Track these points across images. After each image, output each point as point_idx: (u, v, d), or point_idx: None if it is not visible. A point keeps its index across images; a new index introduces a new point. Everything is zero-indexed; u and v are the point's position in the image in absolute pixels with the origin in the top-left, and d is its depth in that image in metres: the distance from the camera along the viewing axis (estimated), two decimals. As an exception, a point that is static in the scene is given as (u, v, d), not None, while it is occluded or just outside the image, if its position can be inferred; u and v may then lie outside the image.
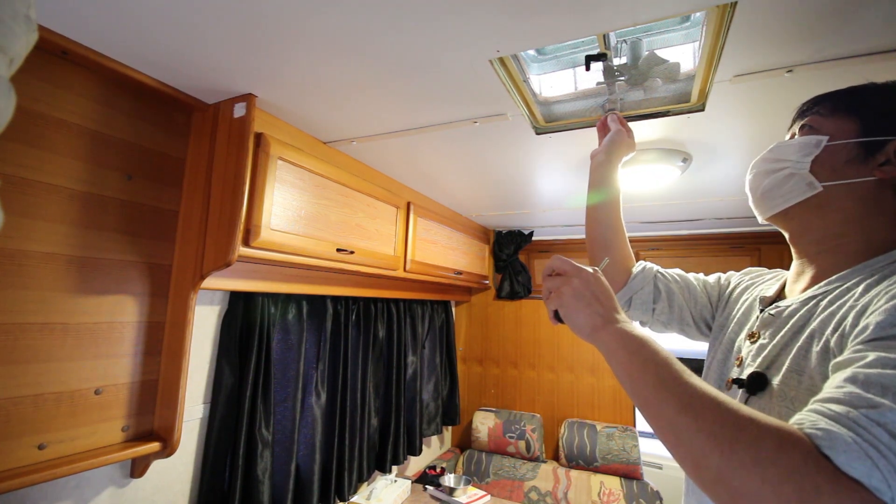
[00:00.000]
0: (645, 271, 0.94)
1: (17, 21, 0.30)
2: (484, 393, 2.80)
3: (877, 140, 0.60)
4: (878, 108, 0.62)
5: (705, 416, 0.45)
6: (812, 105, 0.68)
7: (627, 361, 0.55)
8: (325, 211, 1.38)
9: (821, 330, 0.56)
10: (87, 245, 1.02)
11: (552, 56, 1.04)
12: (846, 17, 0.76)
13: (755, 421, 0.43)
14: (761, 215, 0.72)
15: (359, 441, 1.84)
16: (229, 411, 1.33)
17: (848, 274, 0.59)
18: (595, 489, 2.21)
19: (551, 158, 1.48)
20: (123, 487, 1.13)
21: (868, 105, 0.63)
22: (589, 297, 0.61)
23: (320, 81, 1.04)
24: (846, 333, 0.51)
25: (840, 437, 0.40)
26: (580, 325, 0.61)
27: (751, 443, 0.42)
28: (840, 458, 0.39)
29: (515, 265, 2.77)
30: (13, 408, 0.90)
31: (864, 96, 0.64)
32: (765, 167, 0.69)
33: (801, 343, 0.58)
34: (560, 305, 0.63)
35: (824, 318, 0.57)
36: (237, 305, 1.38)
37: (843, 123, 0.63)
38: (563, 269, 0.65)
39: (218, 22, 0.83)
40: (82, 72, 1.00)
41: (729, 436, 0.43)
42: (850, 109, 0.63)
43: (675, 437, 0.47)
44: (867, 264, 0.58)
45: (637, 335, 0.57)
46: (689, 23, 0.92)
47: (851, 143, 0.61)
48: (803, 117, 0.68)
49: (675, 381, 0.49)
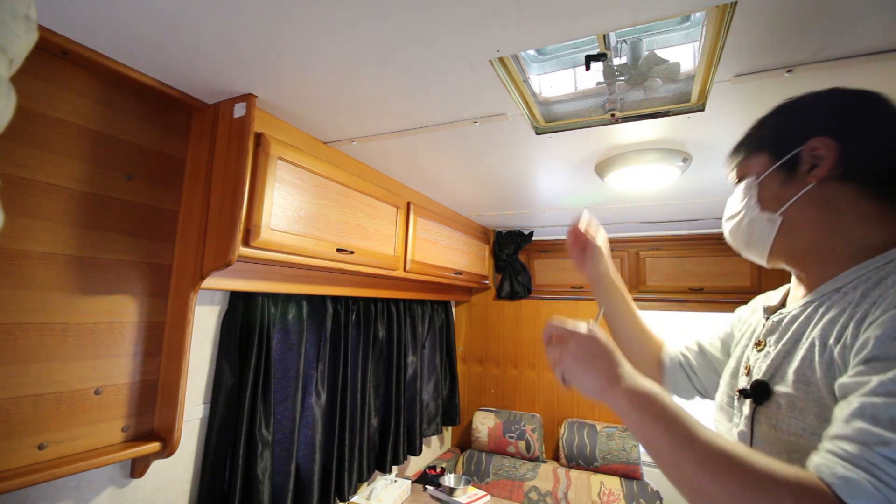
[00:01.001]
0: (672, 362, 0.93)
1: (17, 21, 0.30)
2: (484, 393, 2.80)
3: (791, 156, 0.64)
4: (775, 134, 0.68)
5: (723, 476, 0.47)
6: (733, 157, 0.75)
7: (640, 422, 0.56)
8: (325, 211, 1.38)
9: (822, 338, 0.57)
10: (87, 245, 1.02)
11: (552, 56, 1.04)
12: (846, 17, 0.76)
13: (773, 476, 0.45)
14: (764, 264, 0.74)
15: (359, 441, 1.84)
16: (229, 411, 1.33)
17: (841, 278, 0.60)
18: (595, 489, 2.21)
19: (551, 158, 1.48)
20: (123, 487, 1.13)
21: (766, 136, 0.69)
22: (588, 359, 0.62)
23: (320, 81, 1.04)
24: (848, 345, 0.52)
25: (859, 484, 0.42)
26: (587, 389, 0.62)
27: (773, 501, 0.44)
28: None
29: (515, 265, 2.78)
30: (13, 408, 0.90)
31: (761, 130, 0.71)
32: (729, 226, 0.74)
33: (805, 352, 0.58)
34: (564, 373, 0.64)
35: (825, 326, 0.57)
36: (237, 305, 1.38)
37: (758, 160, 0.69)
38: (558, 335, 0.67)
39: (218, 22, 0.83)
40: (82, 72, 1.00)
41: (750, 496, 0.44)
42: (757, 146, 0.70)
43: (699, 498, 0.49)
44: (860, 267, 0.59)
45: (644, 391, 0.58)
46: (688, 23, 0.92)
47: (773, 170, 0.66)
48: (732, 169, 0.75)
49: (688, 440, 0.51)
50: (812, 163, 0.62)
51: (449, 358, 2.65)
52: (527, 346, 2.73)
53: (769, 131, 0.69)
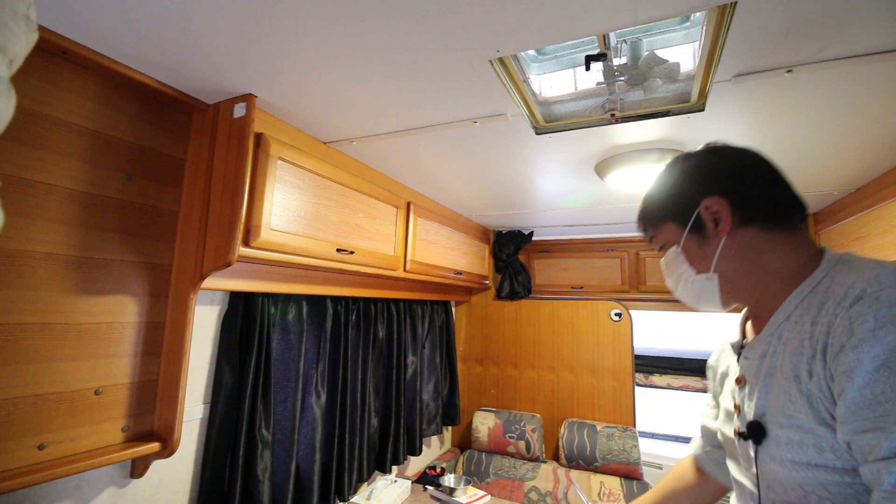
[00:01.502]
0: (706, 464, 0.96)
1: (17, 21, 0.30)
2: (484, 393, 2.80)
3: (692, 220, 0.71)
4: (671, 204, 0.75)
5: None
6: (643, 231, 0.83)
7: None
8: (325, 211, 1.38)
9: (794, 372, 0.61)
10: (86, 245, 1.02)
11: (552, 56, 1.04)
12: (846, 17, 0.76)
13: None
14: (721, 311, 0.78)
15: (359, 441, 1.84)
16: (229, 411, 1.33)
17: (786, 305, 0.66)
18: (595, 489, 2.21)
19: (551, 158, 1.48)
20: (123, 487, 1.13)
21: (664, 208, 0.76)
22: None
23: (320, 82, 1.04)
24: (821, 376, 0.57)
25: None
26: None
27: None
28: None
29: (515, 265, 2.77)
30: (13, 408, 0.90)
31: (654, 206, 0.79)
32: (678, 290, 0.78)
33: (783, 390, 0.63)
34: None
35: (792, 361, 0.62)
36: (237, 305, 1.38)
37: (668, 229, 0.76)
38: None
39: (218, 22, 0.83)
40: (82, 72, 1.00)
41: None
42: (661, 218, 0.77)
43: None
44: (795, 294, 0.65)
45: None
46: (688, 23, 0.92)
47: (685, 237, 0.73)
48: (649, 240, 0.82)
49: None
50: (714, 219, 0.70)
51: (449, 358, 2.65)
52: (527, 346, 2.73)
53: (665, 204, 0.76)
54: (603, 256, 2.74)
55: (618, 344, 2.51)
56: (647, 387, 3.12)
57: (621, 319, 2.52)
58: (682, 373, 3.04)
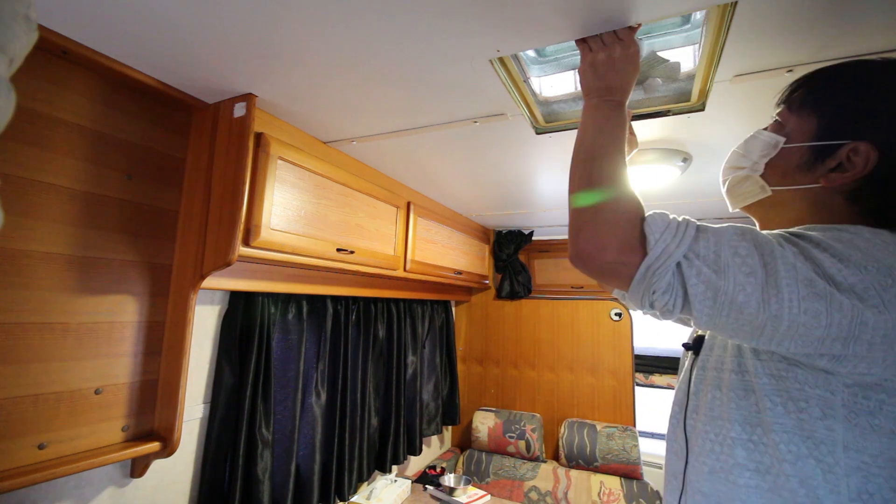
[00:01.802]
0: None
1: (16, 21, 0.30)
2: (484, 393, 2.80)
3: (830, 144, 0.59)
4: (841, 106, 0.60)
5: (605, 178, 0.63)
6: (793, 89, 0.67)
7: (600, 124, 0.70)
8: (325, 211, 1.38)
9: None
10: (87, 245, 1.02)
11: (552, 57, 1.04)
12: (846, 17, 0.76)
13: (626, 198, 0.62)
14: (729, 208, 0.75)
15: (359, 441, 1.84)
16: (229, 411, 1.33)
17: None
18: (595, 489, 2.21)
19: (551, 158, 1.48)
20: (123, 487, 1.14)
21: (833, 101, 0.61)
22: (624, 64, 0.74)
23: (320, 81, 1.04)
24: None
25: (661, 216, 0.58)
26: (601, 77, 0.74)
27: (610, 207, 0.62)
28: None
29: (515, 265, 2.77)
30: (13, 407, 0.90)
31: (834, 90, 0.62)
32: (731, 162, 0.72)
33: None
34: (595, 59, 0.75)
35: None
36: (237, 305, 1.38)
37: (803, 122, 0.63)
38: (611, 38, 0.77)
39: (218, 22, 0.83)
40: (82, 71, 1.00)
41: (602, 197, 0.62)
42: (816, 105, 0.62)
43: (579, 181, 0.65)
44: None
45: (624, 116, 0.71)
46: (689, 25, 0.92)
47: (805, 146, 0.62)
48: (782, 102, 0.68)
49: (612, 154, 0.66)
50: (839, 162, 0.58)
51: (449, 358, 2.65)
52: (527, 345, 2.73)
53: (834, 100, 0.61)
54: (603, 256, 2.74)
55: (618, 344, 2.51)
56: (647, 387, 3.12)
57: (621, 319, 2.52)
58: (682, 373, 3.03)
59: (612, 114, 0.70)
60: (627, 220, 0.58)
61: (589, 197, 0.62)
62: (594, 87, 0.74)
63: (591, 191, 0.62)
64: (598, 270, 0.60)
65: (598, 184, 0.63)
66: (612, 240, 0.57)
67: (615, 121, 0.70)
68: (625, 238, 0.57)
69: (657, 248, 0.54)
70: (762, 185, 0.66)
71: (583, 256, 0.60)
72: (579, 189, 0.64)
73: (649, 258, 0.55)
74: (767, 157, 0.65)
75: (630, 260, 0.56)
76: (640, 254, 0.56)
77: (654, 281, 0.54)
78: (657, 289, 0.54)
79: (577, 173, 0.67)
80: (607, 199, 0.61)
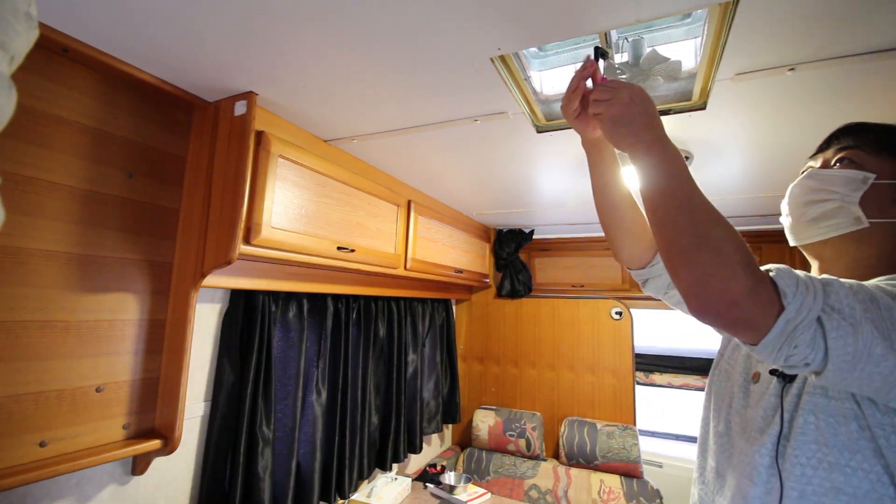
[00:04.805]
0: None
1: (17, 18, 0.30)
2: (484, 391, 2.80)
3: None
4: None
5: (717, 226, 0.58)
6: (850, 136, 0.69)
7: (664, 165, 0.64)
8: (326, 209, 1.38)
9: None
10: (87, 243, 1.02)
11: (552, 50, 1.03)
12: (848, 15, 0.76)
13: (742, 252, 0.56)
14: (798, 241, 0.73)
15: (359, 439, 1.84)
16: (230, 409, 1.33)
17: None
18: (595, 487, 2.21)
19: (552, 157, 1.48)
20: (124, 485, 1.14)
21: None
22: (642, 105, 0.67)
23: (321, 80, 1.04)
24: None
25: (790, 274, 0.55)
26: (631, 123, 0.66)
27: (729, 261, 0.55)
28: None
29: (516, 264, 2.77)
30: (15, 405, 0.90)
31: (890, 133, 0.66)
32: (809, 196, 0.70)
33: None
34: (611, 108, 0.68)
35: None
36: (238, 303, 1.38)
37: (887, 164, 0.66)
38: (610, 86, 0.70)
39: (219, 20, 0.83)
40: (83, 69, 1.00)
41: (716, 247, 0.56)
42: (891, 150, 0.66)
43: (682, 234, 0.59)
44: None
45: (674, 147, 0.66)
46: (690, 19, 0.92)
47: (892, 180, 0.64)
48: (841, 148, 0.70)
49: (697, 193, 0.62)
50: None
51: (449, 356, 2.66)
52: (527, 344, 2.73)
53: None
54: (604, 255, 2.74)
55: (618, 342, 2.51)
56: (647, 385, 3.12)
57: (622, 318, 2.52)
58: (683, 371, 3.04)
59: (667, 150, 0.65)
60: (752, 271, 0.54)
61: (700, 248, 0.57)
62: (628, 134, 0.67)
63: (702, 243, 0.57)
64: (730, 325, 0.56)
65: (706, 234, 0.57)
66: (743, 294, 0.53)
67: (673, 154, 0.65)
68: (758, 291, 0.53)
69: (796, 301, 0.52)
70: (857, 217, 0.65)
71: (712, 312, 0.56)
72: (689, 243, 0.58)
73: (788, 312, 0.52)
74: (859, 191, 0.66)
75: (768, 313, 0.53)
76: (777, 307, 0.53)
77: (797, 335, 0.52)
78: (800, 343, 0.52)
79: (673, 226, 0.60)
80: (721, 248, 0.56)
